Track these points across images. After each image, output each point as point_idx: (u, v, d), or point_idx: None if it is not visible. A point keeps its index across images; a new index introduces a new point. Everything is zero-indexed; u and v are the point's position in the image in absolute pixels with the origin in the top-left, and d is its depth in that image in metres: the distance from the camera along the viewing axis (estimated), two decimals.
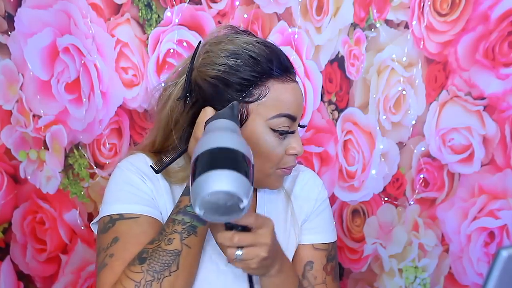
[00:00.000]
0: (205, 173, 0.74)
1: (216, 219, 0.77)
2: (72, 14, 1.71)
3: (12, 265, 1.87)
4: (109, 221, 0.99)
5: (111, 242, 0.96)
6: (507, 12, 1.36)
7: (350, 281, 1.63)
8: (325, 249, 1.12)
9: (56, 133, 1.78)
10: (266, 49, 0.99)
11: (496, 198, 1.42)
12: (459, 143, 1.45)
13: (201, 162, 0.76)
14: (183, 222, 0.93)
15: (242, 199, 0.75)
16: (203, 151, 0.77)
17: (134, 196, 1.00)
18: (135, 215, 0.99)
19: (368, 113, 1.54)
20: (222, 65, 0.97)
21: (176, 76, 1.04)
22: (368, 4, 1.50)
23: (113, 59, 1.71)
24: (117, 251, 0.95)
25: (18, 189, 1.84)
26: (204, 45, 1.02)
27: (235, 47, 0.98)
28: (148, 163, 1.03)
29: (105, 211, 1.00)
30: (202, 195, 0.74)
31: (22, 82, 1.78)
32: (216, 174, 0.74)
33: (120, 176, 1.02)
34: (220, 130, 0.83)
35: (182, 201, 0.95)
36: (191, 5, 1.64)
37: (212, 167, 0.75)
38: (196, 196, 0.74)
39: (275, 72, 0.98)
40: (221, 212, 0.76)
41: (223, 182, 0.74)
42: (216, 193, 0.74)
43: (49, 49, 1.75)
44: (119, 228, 0.98)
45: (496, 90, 1.39)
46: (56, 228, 1.82)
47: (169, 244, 0.91)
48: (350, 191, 1.59)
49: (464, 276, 1.48)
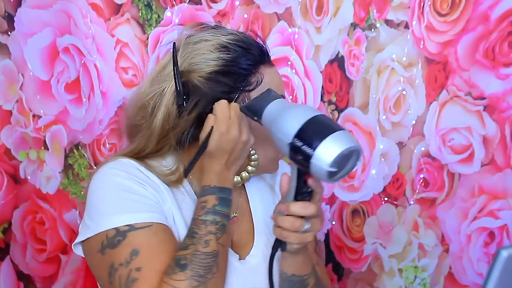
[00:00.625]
0: (330, 135, 0.83)
1: (337, 177, 0.86)
2: (72, 14, 1.71)
3: (12, 265, 1.87)
4: (116, 234, 0.93)
5: (131, 256, 0.92)
6: (507, 12, 1.36)
7: (350, 281, 1.63)
8: None
9: (56, 133, 1.79)
10: (248, 39, 1.01)
11: (496, 198, 1.42)
12: (459, 143, 1.45)
13: (313, 131, 0.84)
14: (215, 222, 0.93)
15: (360, 151, 0.85)
16: (305, 122, 0.85)
17: (140, 204, 0.96)
18: (147, 223, 0.94)
19: (368, 113, 1.54)
20: (216, 60, 0.97)
21: (160, 83, 1.01)
22: (368, 4, 1.50)
23: (113, 59, 1.71)
24: (144, 263, 0.91)
25: (18, 189, 1.84)
26: (184, 45, 1.01)
27: (221, 41, 0.99)
28: (138, 168, 0.99)
29: (105, 225, 0.94)
30: (335, 154, 0.82)
31: (22, 82, 1.78)
32: (341, 134, 0.84)
33: (115, 185, 0.97)
34: (290, 105, 0.91)
35: (207, 201, 0.95)
36: (191, 5, 1.64)
37: (330, 131, 0.84)
38: (329, 156, 0.82)
39: (263, 58, 1.01)
40: (342, 169, 0.85)
41: (349, 139, 0.84)
42: (348, 149, 0.83)
43: (49, 49, 1.75)
44: (133, 240, 0.93)
45: (496, 90, 1.39)
46: (56, 228, 1.82)
47: (207, 246, 0.91)
48: (350, 191, 1.59)
49: (464, 276, 1.48)
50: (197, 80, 0.98)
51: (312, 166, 0.84)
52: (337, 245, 1.63)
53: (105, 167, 1.00)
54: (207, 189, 0.96)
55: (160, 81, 1.01)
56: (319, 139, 0.83)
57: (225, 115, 0.94)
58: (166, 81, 1.00)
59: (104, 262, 0.94)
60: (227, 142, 0.94)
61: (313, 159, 0.83)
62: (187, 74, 0.98)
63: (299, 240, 0.93)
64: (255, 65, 0.99)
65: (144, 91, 1.02)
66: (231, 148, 0.95)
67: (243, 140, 0.96)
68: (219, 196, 0.95)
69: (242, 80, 0.98)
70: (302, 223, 0.91)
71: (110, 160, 1.02)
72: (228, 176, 0.97)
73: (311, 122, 0.85)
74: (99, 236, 0.95)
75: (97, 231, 0.95)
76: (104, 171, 1.00)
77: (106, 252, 0.94)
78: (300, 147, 0.84)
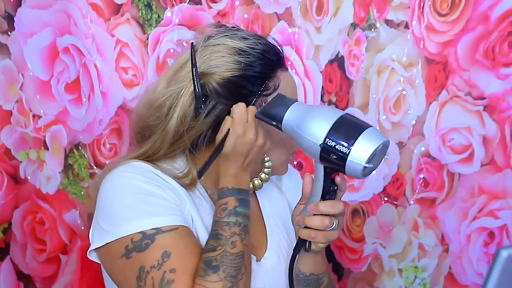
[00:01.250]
0: (363, 133, 0.86)
1: (370, 172, 0.88)
2: (72, 14, 1.71)
3: (12, 265, 1.87)
4: (142, 238, 0.92)
5: (163, 257, 0.91)
6: (507, 12, 1.36)
7: (350, 281, 1.63)
8: None
9: (56, 133, 1.78)
10: (267, 42, 1.02)
11: (496, 198, 1.42)
12: (459, 143, 1.45)
13: (344, 130, 0.87)
14: (238, 223, 0.94)
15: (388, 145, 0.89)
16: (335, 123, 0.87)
17: (163, 207, 0.95)
18: (173, 226, 0.93)
19: (368, 113, 1.54)
20: (235, 63, 0.97)
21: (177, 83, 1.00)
22: (368, 4, 1.50)
23: (113, 59, 1.71)
24: (178, 265, 0.91)
25: (18, 189, 1.84)
26: (203, 47, 1.00)
27: (240, 45, 0.99)
28: (153, 171, 0.98)
29: (129, 230, 0.92)
30: (372, 150, 0.85)
31: (22, 82, 1.78)
32: (372, 131, 0.87)
33: (133, 189, 0.95)
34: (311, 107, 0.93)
35: (228, 203, 0.95)
36: (191, 5, 1.64)
37: (361, 129, 0.86)
38: (366, 152, 0.85)
39: (280, 63, 1.01)
40: (375, 164, 0.88)
41: (380, 135, 0.87)
42: (382, 144, 0.86)
43: (49, 49, 1.75)
44: (163, 242, 0.92)
45: (496, 90, 1.39)
46: (56, 228, 1.82)
47: (234, 247, 0.92)
48: (350, 191, 1.59)
49: (464, 276, 1.48)
50: (216, 83, 0.97)
51: (348, 164, 0.86)
52: (337, 245, 1.63)
53: (118, 171, 0.98)
54: (226, 191, 0.96)
55: (177, 81, 1.00)
56: (354, 138, 0.85)
57: (242, 118, 0.95)
58: (183, 82, 0.99)
59: (130, 266, 0.92)
60: (244, 145, 0.95)
61: (350, 157, 0.85)
62: (205, 76, 0.97)
63: (326, 239, 0.95)
64: (272, 70, 1.00)
65: (160, 91, 1.01)
66: (247, 151, 0.95)
67: (259, 144, 0.96)
68: (238, 198, 0.96)
69: (260, 84, 0.98)
70: (331, 221, 0.93)
71: (122, 163, 1.00)
72: (244, 178, 0.98)
73: (340, 122, 0.87)
74: (122, 240, 0.93)
75: (120, 236, 0.93)
76: (118, 174, 0.98)
77: (133, 256, 0.92)
78: (334, 147, 0.86)
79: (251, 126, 0.95)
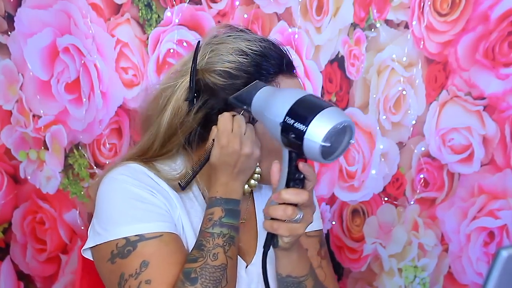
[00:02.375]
0: (322, 111, 0.83)
1: (332, 157, 0.86)
2: (72, 14, 1.71)
3: (12, 265, 1.87)
4: (126, 244, 0.93)
5: (141, 267, 0.91)
6: (507, 12, 1.36)
7: (349, 280, 1.63)
8: (317, 235, 1.13)
9: (56, 133, 1.79)
10: (272, 46, 1.01)
11: (496, 198, 1.42)
12: (459, 143, 1.45)
13: (304, 108, 0.85)
14: (222, 234, 0.92)
15: (353, 128, 0.86)
16: (296, 101, 0.85)
17: (150, 213, 0.95)
18: (158, 233, 0.93)
19: (368, 113, 1.54)
20: (232, 62, 0.97)
21: (176, 77, 1.01)
22: (368, 4, 1.51)
23: (113, 59, 1.71)
24: (153, 276, 0.91)
25: (18, 189, 1.84)
26: (206, 45, 1.01)
27: (242, 45, 0.98)
28: (147, 174, 0.98)
29: (115, 234, 0.94)
30: (329, 128, 0.82)
31: (22, 82, 1.78)
32: (332, 110, 0.84)
33: (125, 193, 0.96)
34: (279, 89, 0.93)
35: (214, 213, 0.94)
36: (191, 5, 1.64)
37: (321, 107, 0.84)
38: (322, 130, 0.82)
39: (283, 68, 1.00)
40: (334, 149, 0.85)
41: (341, 115, 0.85)
42: (341, 124, 0.84)
43: (49, 49, 1.75)
44: (144, 250, 0.92)
45: (496, 90, 1.39)
46: (56, 228, 1.82)
47: (215, 259, 0.91)
48: (350, 191, 1.59)
49: (464, 275, 1.48)
50: (209, 79, 0.98)
51: (305, 143, 0.84)
52: (337, 245, 1.63)
53: (114, 173, 0.99)
54: (214, 200, 0.95)
55: (178, 76, 1.01)
56: (312, 115, 0.83)
57: (226, 128, 0.94)
58: (183, 76, 1.00)
59: (114, 271, 0.94)
60: (228, 155, 0.94)
61: (306, 135, 0.83)
62: (202, 72, 0.98)
63: (290, 232, 0.90)
64: (271, 74, 0.98)
65: (162, 83, 1.03)
66: (233, 161, 0.94)
67: (245, 153, 0.94)
68: (225, 208, 0.94)
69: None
70: (294, 210, 0.88)
71: (119, 164, 1.01)
72: (235, 187, 0.96)
73: (302, 101, 0.86)
74: (109, 244, 0.94)
75: (107, 239, 0.95)
76: (113, 177, 0.98)
77: (116, 262, 0.93)
78: (292, 124, 0.84)
79: (235, 136, 0.93)
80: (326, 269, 1.13)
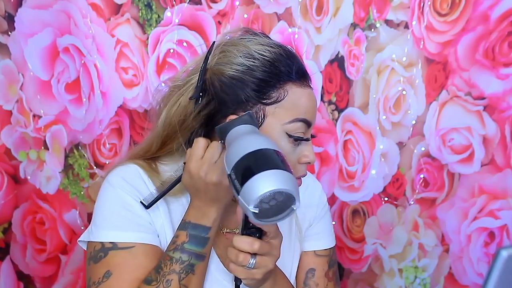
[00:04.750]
0: (263, 172, 0.75)
1: (266, 221, 0.78)
2: (72, 14, 1.71)
3: (12, 265, 1.87)
4: (100, 249, 0.94)
5: (103, 277, 0.92)
6: (507, 12, 1.36)
7: (350, 281, 1.63)
8: (327, 255, 1.11)
9: (56, 133, 1.78)
10: (284, 52, 0.97)
11: (496, 198, 1.42)
12: (459, 143, 1.45)
13: (249, 165, 0.77)
14: (181, 261, 0.91)
15: (295, 197, 0.76)
16: (244, 155, 0.78)
17: (129, 222, 0.95)
18: (130, 244, 0.94)
19: (368, 113, 1.54)
20: (240, 65, 0.95)
21: (186, 76, 1.01)
22: (368, 4, 1.50)
23: (113, 59, 1.71)
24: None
25: (18, 189, 1.84)
26: (218, 45, 0.99)
27: (253, 49, 0.96)
28: (142, 177, 0.98)
29: (96, 236, 0.96)
30: (257, 196, 0.75)
31: (22, 82, 1.78)
32: (272, 174, 0.75)
33: (114, 198, 0.97)
34: (250, 134, 0.84)
35: (178, 237, 0.92)
36: (191, 5, 1.64)
37: (266, 167, 0.76)
38: (251, 196, 0.75)
39: (293, 76, 0.96)
40: (271, 213, 0.77)
41: (285, 181, 0.75)
42: (276, 193, 0.75)
43: (49, 49, 1.75)
44: (111, 260, 0.93)
45: (496, 90, 1.39)
46: (56, 228, 1.82)
47: (168, 286, 0.90)
48: (350, 191, 1.59)
49: (464, 276, 1.48)
50: (216, 81, 0.96)
51: (240, 203, 0.77)
52: (337, 246, 1.62)
53: (114, 173, 0.99)
54: (182, 223, 0.93)
55: (188, 74, 1.00)
56: (248, 177, 0.76)
57: (196, 153, 0.91)
58: (193, 75, 0.99)
59: (87, 272, 0.96)
60: (196, 181, 0.91)
61: (240, 195, 0.76)
62: (210, 73, 0.97)
63: (245, 275, 0.87)
64: (278, 80, 0.95)
65: (173, 80, 1.02)
66: (202, 187, 0.91)
67: (212, 182, 0.90)
68: (191, 233, 0.92)
69: (258, 91, 0.95)
70: (246, 258, 0.85)
71: (120, 164, 1.01)
72: (208, 214, 0.92)
73: (250, 156, 0.78)
74: (90, 245, 0.97)
75: (89, 239, 0.97)
76: (109, 179, 0.99)
77: (90, 265, 0.95)
78: (233, 180, 0.78)
79: (204, 163, 0.90)
80: None
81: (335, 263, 1.13)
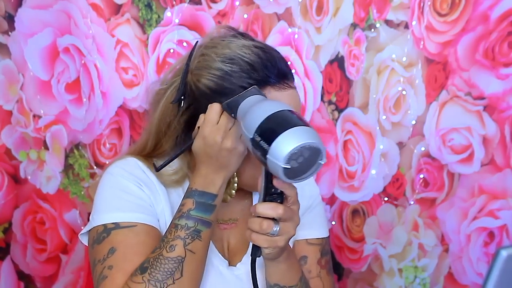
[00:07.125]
0: (288, 129, 0.78)
1: (297, 180, 0.81)
2: (72, 14, 1.71)
3: (12, 265, 1.87)
4: (103, 231, 0.95)
5: (108, 253, 0.93)
6: (507, 12, 1.36)
7: (350, 281, 1.63)
8: (319, 243, 1.12)
9: (56, 133, 1.78)
10: (263, 55, 0.96)
11: (496, 198, 1.42)
12: (459, 143, 1.45)
13: (272, 125, 0.80)
14: (187, 227, 0.91)
15: (321, 150, 0.79)
16: (265, 118, 0.81)
17: (130, 203, 0.97)
18: (132, 223, 0.95)
19: (368, 113, 1.54)
20: (218, 70, 0.95)
21: (172, 76, 1.01)
22: (368, 4, 1.51)
23: (113, 59, 1.71)
24: (116, 262, 0.92)
25: (18, 189, 1.84)
26: (200, 46, 0.99)
27: (231, 52, 0.96)
28: (141, 167, 0.99)
29: (98, 221, 0.97)
30: (287, 151, 0.77)
31: (22, 82, 1.78)
32: (298, 130, 0.79)
33: (114, 183, 0.98)
34: (263, 100, 0.87)
35: (185, 204, 0.92)
36: (191, 5, 1.64)
37: (289, 125, 0.79)
38: (281, 152, 0.78)
39: (272, 80, 0.95)
40: (300, 171, 0.80)
41: (309, 135, 0.78)
42: (307, 145, 0.78)
43: (49, 49, 1.75)
44: (114, 238, 0.94)
45: (496, 90, 1.39)
46: (56, 228, 1.82)
47: (171, 251, 0.90)
48: (350, 191, 1.59)
49: (464, 276, 1.48)
50: (194, 84, 0.97)
51: (269, 163, 0.80)
52: (337, 245, 1.63)
53: (111, 167, 1.01)
54: (189, 191, 0.93)
55: (173, 75, 1.01)
56: (276, 135, 0.79)
57: (212, 118, 0.91)
58: (176, 77, 0.99)
59: (91, 255, 0.97)
60: (210, 146, 0.91)
61: (269, 154, 0.79)
62: (190, 76, 0.97)
63: (268, 244, 0.88)
64: (258, 85, 0.93)
65: (161, 81, 1.03)
66: (214, 153, 0.91)
67: (226, 147, 0.90)
68: (197, 201, 0.92)
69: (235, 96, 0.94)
70: (270, 224, 0.86)
71: (119, 158, 1.04)
72: (214, 181, 0.93)
73: (272, 117, 0.81)
74: (92, 230, 0.98)
75: (92, 226, 0.98)
76: (109, 171, 1.01)
77: (94, 247, 0.96)
78: (259, 142, 0.80)
79: (219, 128, 0.91)
80: (324, 280, 1.10)
81: (328, 253, 1.14)
